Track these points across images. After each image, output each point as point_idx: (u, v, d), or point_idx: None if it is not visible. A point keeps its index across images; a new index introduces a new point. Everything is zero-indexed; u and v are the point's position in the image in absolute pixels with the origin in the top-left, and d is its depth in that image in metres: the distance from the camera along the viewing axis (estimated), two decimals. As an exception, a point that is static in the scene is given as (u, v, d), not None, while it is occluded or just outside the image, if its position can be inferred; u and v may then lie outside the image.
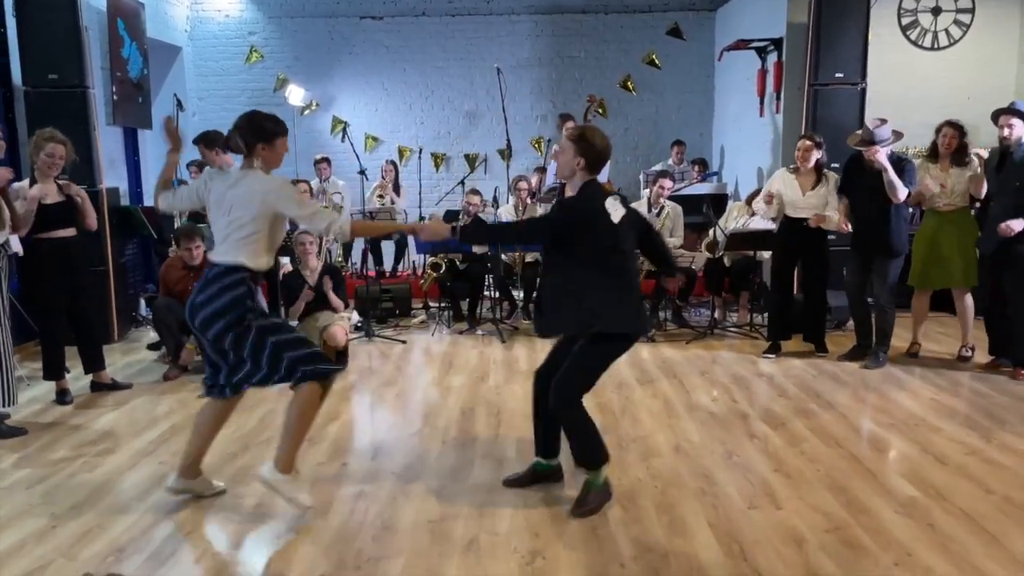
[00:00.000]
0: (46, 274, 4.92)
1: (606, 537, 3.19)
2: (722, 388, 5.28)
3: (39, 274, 4.91)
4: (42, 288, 4.93)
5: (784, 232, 6.04)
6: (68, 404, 5.02)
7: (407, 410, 4.96)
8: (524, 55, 10.30)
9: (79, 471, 3.94)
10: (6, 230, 4.51)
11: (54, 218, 4.91)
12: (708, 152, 10.32)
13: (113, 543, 3.17)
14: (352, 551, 3.10)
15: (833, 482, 3.69)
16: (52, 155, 4.81)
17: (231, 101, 10.18)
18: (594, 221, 3.34)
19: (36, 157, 4.84)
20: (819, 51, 7.11)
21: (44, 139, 4.83)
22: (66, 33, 6.43)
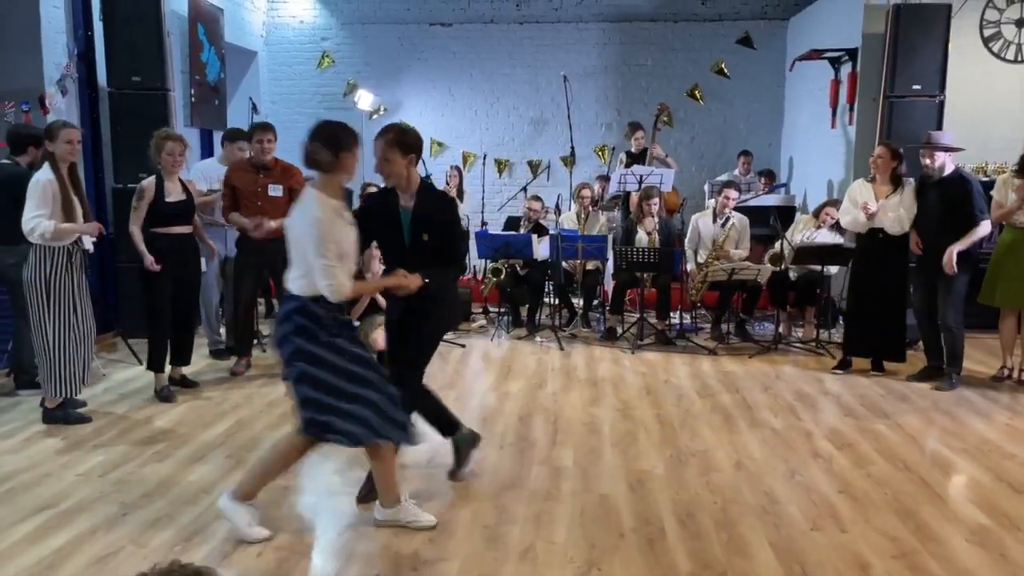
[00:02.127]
0: (159, 268, 5.03)
1: (663, 552, 3.15)
2: (785, 404, 5.17)
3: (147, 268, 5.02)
4: (153, 282, 5.04)
5: (862, 245, 5.86)
6: (169, 401, 5.08)
7: (465, 414, 4.96)
8: (591, 63, 10.29)
9: (149, 461, 4.08)
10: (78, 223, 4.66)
11: (173, 214, 5.06)
12: (776, 163, 10.13)
13: (180, 532, 3.27)
14: (408, 552, 3.13)
15: (901, 506, 3.58)
16: (172, 153, 5.00)
17: (303, 105, 10.43)
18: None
19: (159, 158, 5.00)
20: (896, 62, 6.92)
21: (162, 139, 5.01)
22: (149, 38, 6.67)
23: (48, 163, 4.51)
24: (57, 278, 4.55)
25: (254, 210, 5.44)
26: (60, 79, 6.33)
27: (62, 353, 4.59)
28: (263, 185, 5.49)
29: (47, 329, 4.56)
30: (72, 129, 4.63)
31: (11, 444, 4.31)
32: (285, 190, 5.51)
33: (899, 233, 5.61)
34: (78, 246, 4.70)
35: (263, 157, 5.55)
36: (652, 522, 3.40)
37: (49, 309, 4.55)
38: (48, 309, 4.55)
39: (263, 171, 5.55)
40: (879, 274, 5.74)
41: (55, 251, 4.54)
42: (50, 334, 4.56)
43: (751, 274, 6.79)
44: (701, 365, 6.20)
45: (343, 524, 3.40)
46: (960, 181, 5.42)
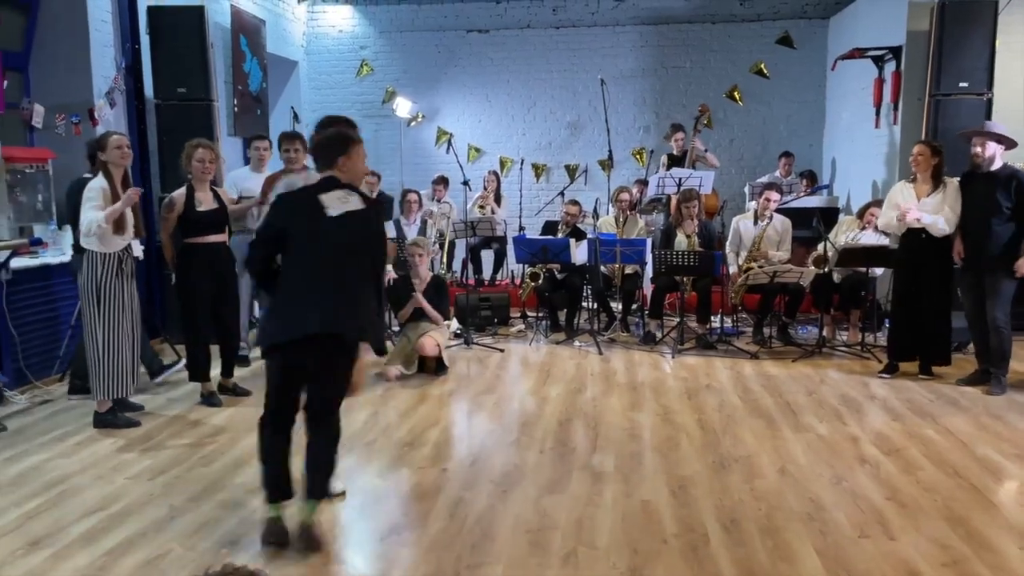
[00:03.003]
0: (194, 277, 5.12)
1: (707, 558, 3.12)
2: (830, 409, 5.08)
3: (187, 277, 5.11)
4: (190, 291, 5.12)
5: (905, 246, 5.75)
6: (217, 406, 5.16)
7: (505, 418, 5.00)
8: (628, 66, 10.25)
9: (196, 465, 4.15)
10: (128, 234, 4.78)
11: (207, 223, 5.14)
12: (818, 164, 9.99)
13: (227, 535, 3.33)
14: (451, 556, 3.14)
15: (951, 513, 3.50)
16: (202, 160, 5.09)
17: (342, 113, 10.51)
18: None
19: (189, 166, 5.11)
20: (941, 60, 6.79)
21: (192, 147, 5.13)
22: (194, 50, 6.83)
23: (102, 171, 4.67)
24: (108, 284, 4.67)
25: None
26: (108, 92, 6.50)
27: (111, 357, 4.70)
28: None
29: (97, 333, 4.68)
30: (120, 136, 4.79)
31: (64, 447, 4.43)
32: None
33: (944, 234, 5.49)
34: (128, 253, 4.82)
35: (292, 166, 5.64)
36: (695, 528, 3.37)
37: (100, 314, 4.67)
38: (99, 314, 4.67)
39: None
40: (922, 276, 5.62)
41: (106, 257, 4.66)
42: (99, 338, 4.68)
43: (793, 277, 6.70)
44: (743, 369, 6.13)
45: (387, 528, 3.43)
46: (1013, 174, 5.28)
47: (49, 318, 5.69)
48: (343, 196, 3.25)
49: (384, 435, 4.63)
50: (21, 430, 4.72)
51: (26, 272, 5.45)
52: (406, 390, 5.58)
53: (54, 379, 5.68)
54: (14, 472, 4.06)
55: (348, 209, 3.22)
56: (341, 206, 3.21)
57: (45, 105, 6.14)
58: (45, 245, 5.80)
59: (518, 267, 8.36)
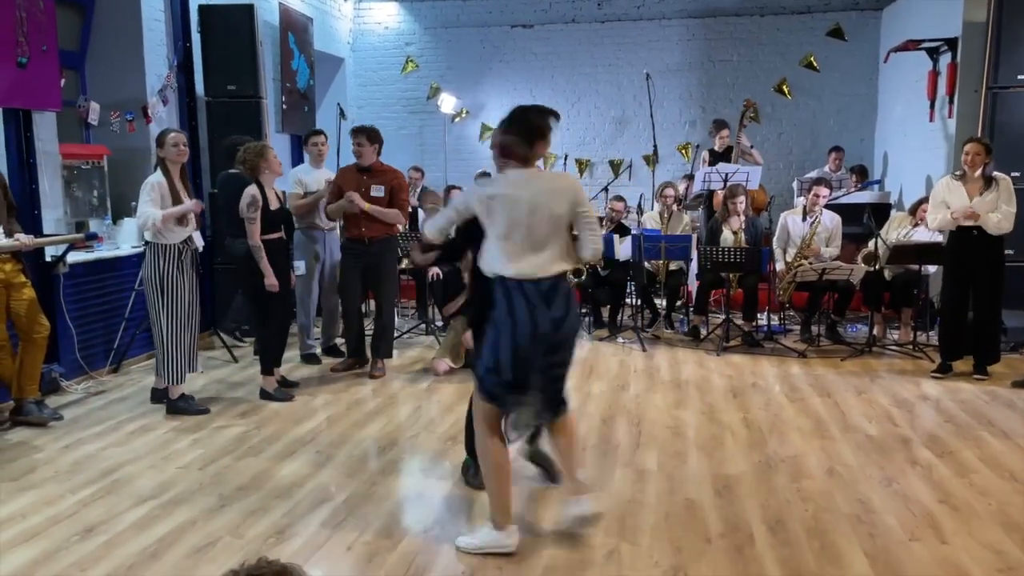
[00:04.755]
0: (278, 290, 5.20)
1: (752, 559, 3.08)
2: (881, 409, 4.97)
3: (259, 273, 5.14)
4: (261, 285, 5.16)
5: (954, 243, 5.61)
6: (285, 400, 5.21)
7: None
8: (674, 60, 10.14)
9: (244, 456, 4.23)
10: (190, 225, 4.94)
11: (278, 221, 5.24)
12: (869, 159, 9.76)
13: (274, 525, 3.39)
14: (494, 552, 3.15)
15: (1007, 518, 3.40)
16: (277, 158, 5.25)
17: (387, 109, 10.63)
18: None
19: (266, 164, 5.13)
20: (999, 51, 6.57)
21: (266, 147, 5.21)
22: (243, 48, 6.94)
23: (160, 167, 4.85)
24: (170, 275, 4.84)
25: (357, 218, 5.65)
26: (161, 89, 6.65)
27: (175, 345, 4.87)
28: (366, 186, 5.66)
29: (162, 322, 4.86)
30: (177, 133, 4.95)
31: (117, 437, 4.55)
32: (386, 191, 5.69)
33: (1003, 233, 5.34)
34: (188, 245, 4.96)
35: (360, 161, 5.71)
36: (740, 528, 3.33)
37: (164, 303, 4.84)
38: (163, 303, 4.85)
39: (365, 173, 5.72)
40: (973, 273, 5.47)
41: (168, 249, 4.83)
42: (164, 327, 4.86)
43: (843, 274, 6.57)
44: (790, 368, 6.03)
45: (431, 520, 3.45)
46: None
47: (104, 311, 5.84)
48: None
49: (427, 430, 4.66)
50: (76, 419, 4.86)
51: (82, 266, 5.61)
52: (450, 385, 5.61)
53: (108, 370, 5.84)
54: (70, 460, 4.18)
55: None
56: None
57: (100, 103, 6.30)
58: (100, 239, 5.97)
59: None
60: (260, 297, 5.17)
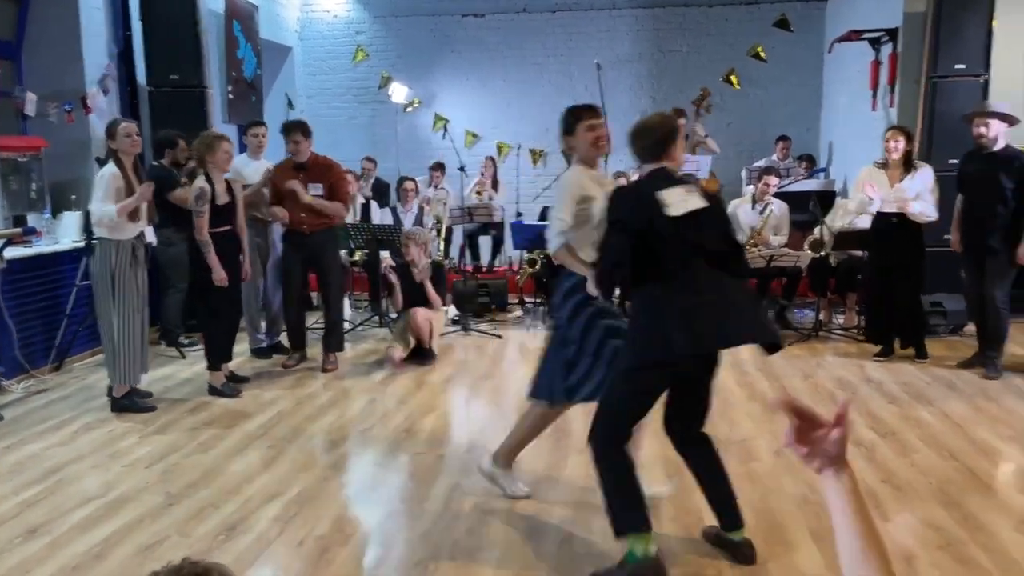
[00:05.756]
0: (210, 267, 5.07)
1: (703, 541, 3.13)
2: (826, 392, 5.09)
3: (206, 266, 5.03)
4: (209, 280, 5.04)
5: (876, 230, 5.78)
6: (232, 396, 5.09)
7: (502, 404, 5.01)
8: (624, 50, 10.20)
9: (193, 452, 4.16)
10: (142, 221, 4.81)
11: (225, 214, 5.10)
12: (815, 148, 9.96)
13: (223, 522, 3.34)
14: (448, 542, 3.15)
15: (947, 496, 3.51)
16: (228, 152, 5.08)
17: (338, 99, 10.51)
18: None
19: (213, 157, 5.01)
20: (938, 41, 6.74)
21: (217, 139, 5.07)
22: (186, 36, 6.77)
23: (112, 159, 4.71)
24: (122, 271, 4.71)
25: (297, 209, 5.54)
26: (101, 79, 6.46)
27: (125, 344, 4.74)
28: (303, 184, 5.55)
29: (112, 319, 4.72)
30: (129, 123, 4.82)
31: (60, 436, 4.43)
32: (325, 187, 5.59)
33: (928, 220, 5.52)
34: (141, 240, 4.84)
35: (296, 158, 5.61)
36: (692, 511, 3.38)
37: (114, 301, 4.71)
38: (113, 301, 4.71)
39: (302, 170, 5.61)
40: (894, 258, 5.65)
41: (119, 245, 4.70)
42: (114, 324, 4.72)
43: (790, 260, 6.69)
44: (740, 353, 6.12)
45: (384, 513, 3.44)
46: (1016, 155, 5.26)
47: (45, 308, 5.67)
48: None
49: (381, 422, 4.64)
50: (18, 419, 4.72)
51: (20, 262, 5.43)
52: (404, 377, 5.59)
53: (50, 368, 5.68)
54: (12, 460, 4.06)
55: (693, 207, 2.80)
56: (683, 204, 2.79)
57: (37, 93, 6.10)
58: (39, 234, 5.78)
59: (516, 253, 8.34)
60: (207, 291, 5.07)
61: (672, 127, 2.99)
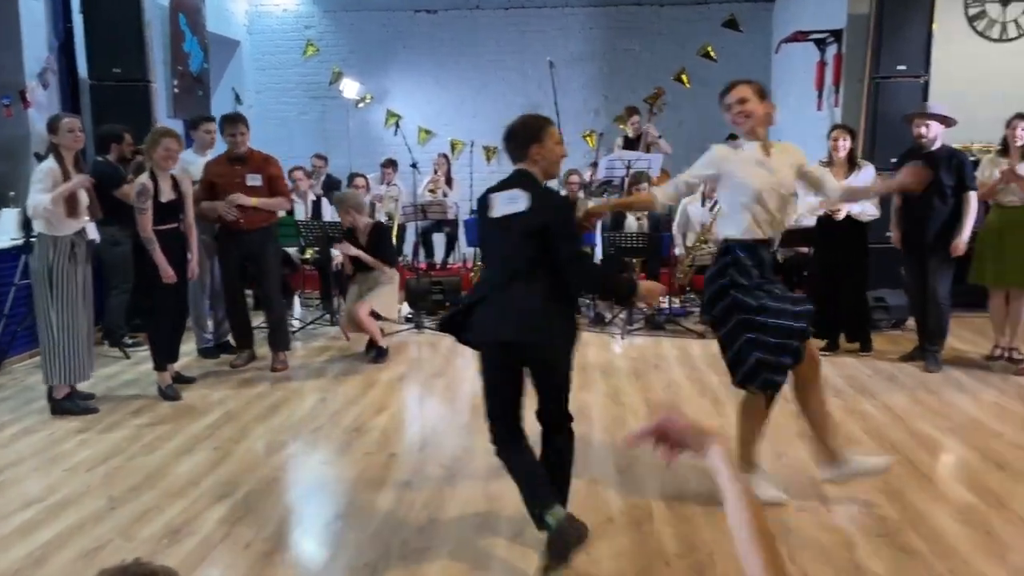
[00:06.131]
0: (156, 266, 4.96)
1: (651, 534, 3.17)
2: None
3: (150, 264, 4.92)
4: (153, 279, 4.93)
5: (821, 229, 5.92)
6: (175, 398, 4.97)
7: (456, 402, 4.99)
8: (577, 48, 10.25)
9: (137, 455, 4.06)
10: (83, 217, 4.68)
11: (169, 212, 4.99)
12: (764, 146, 10.12)
13: (168, 525, 3.27)
14: (398, 541, 3.13)
15: (887, 486, 3.60)
16: (169, 149, 4.92)
17: (287, 94, 10.37)
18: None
19: (154, 153, 4.90)
20: (881, 43, 6.92)
21: (160, 135, 4.95)
22: (130, 28, 6.62)
23: (52, 154, 4.58)
24: (61, 268, 4.57)
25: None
26: (41, 72, 6.28)
27: (66, 343, 4.61)
28: (241, 176, 5.47)
29: (50, 317, 4.58)
30: (72, 118, 4.69)
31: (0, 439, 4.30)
32: (264, 179, 5.50)
33: (870, 218, 5.67)
34: (82, 237, 4.71)
35: (237, 150, 5.50)
36: (640, 505, 3.42)
37: (52, 298, 4.58)
38: (52, 298, 4.57)
39: (239, 163, 5.51)
40: (839, 256, 5.79)
41: (58, 241, 4.56)
42: (53, 323, 4.58)
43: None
44: (690, 349, 6.22)
45: (332, 514, 3.40)
46: (952, 153, 5.42)
47: (-19, 307, 5.50)
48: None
49: (331, 421, 4.59)
50: (-47, 423, 4.57)
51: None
52: (355, 376, 5.54)
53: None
54: (-55, 466, 3.93)
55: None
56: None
57: (-27, 86, 5.91)
58: (-24, 231, 5.61)
59: (470, 250, 8.33)
60: (152, 290, 4.96)
61: (533, 130, 3.06)
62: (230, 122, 5.53)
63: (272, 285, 5.72)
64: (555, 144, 3.07)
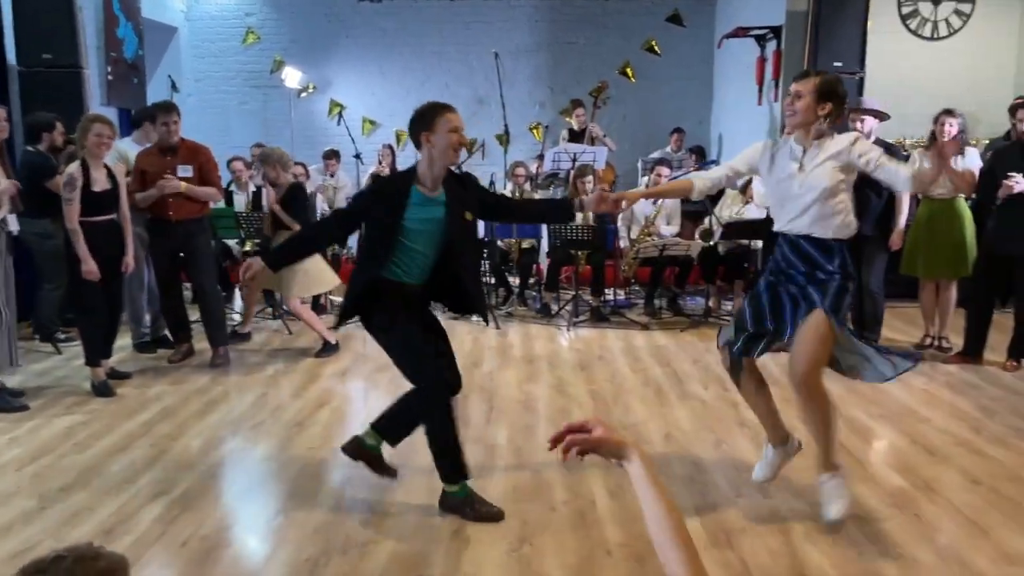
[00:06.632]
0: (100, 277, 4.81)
1: (594, 524, 3.19)
2: (713, 375, 5.28)
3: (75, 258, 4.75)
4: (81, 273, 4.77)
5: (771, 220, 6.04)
6: (109, 395, 4.83)
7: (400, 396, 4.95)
8: (523, 40, 10.25)
9: (68, 453, 3.94)
10: (4, 208, 4.51)
11: (103, 203, 4.83)
12: (706, 140, 10.29)
13: (101, 525, 3.18)
14: (340, 536, 3.10)
15: (822, 472, 3.69)
16: (100, 135, 4.75)
17: (227, 83, 10.15)
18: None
19: (85, 140, 4.74)
20: (818, 40, 7.07)
21: (90, 121, 4.78)
22: (60, 13, 6.39)
23: None
24: None
25: (164, 195, 5.30)
26: (-36, 57, 6.02)
27: None
28: (172, 167, 5.33)
29: None
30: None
31: (-81, 440, 4.12)
32: (195, 170, 5.39)
33: None
34: (3, 227, 4.52)
35: (169, 139, 5.37)
36: (583, 495, 3.45)
37: None
38: None
39: (170, 153, 5.38)
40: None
41: None
42: None
43: (682, 250, 6.90)
44: (634, 340, 6.29)
45: (273, 510, 3.35)
46: (887, 147, 5.55)
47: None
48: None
49: (272, 417, 4.52)
50: None
51: None
52: (298, 370, 5.46)
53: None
54: None
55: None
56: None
57: None
58: None
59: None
60: (84, 284, 4.80)
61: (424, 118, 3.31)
62: (164, 111, 5.38)
63: (206, 278, 5.59)
64: (448, 132, 3.20)
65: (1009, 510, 3.32)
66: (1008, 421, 4.39)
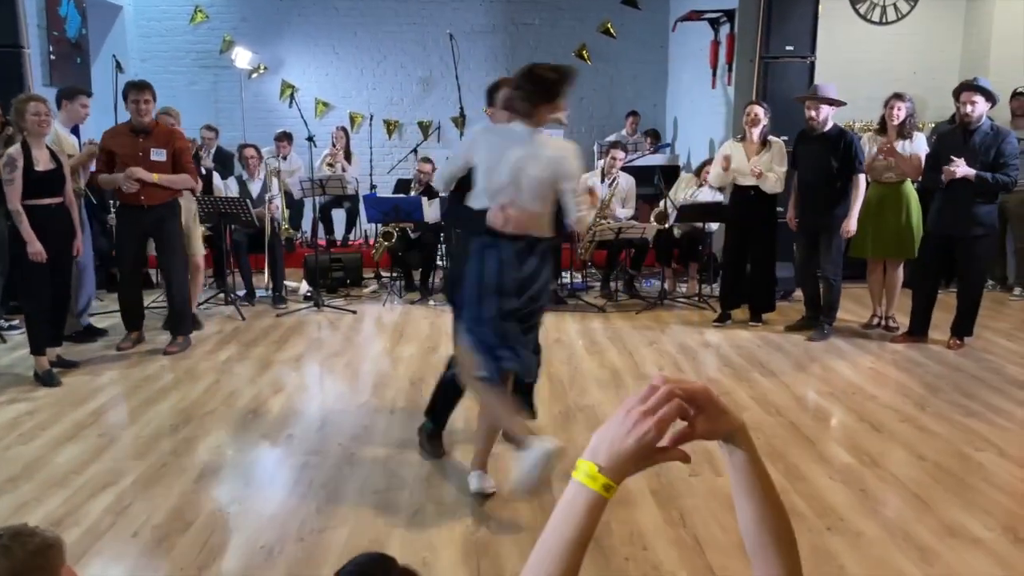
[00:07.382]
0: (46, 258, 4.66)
1: (550, 505, 3.22)
2: (669, 358, 5.35)
3: (20, 241, 4.60)
4: (26, 258, 4.62)
5: (734, 203, 6.12)
6: (54, 384, 4.69)
7: (356, 380, 4.94)
8: (478, 21, 10.16)
9: (14, 444, 3.84)
10: None
11: (46, 184, 4.67)
12: (661, 123, 10.34)
13: (48, 516, 3.11)
14: (296, 521, 3.08)
15: (772, 449, 3.78)
16: (39, 114, 4.58)
17: (175, 63, 9.89)
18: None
19: (23, 122, 4.58)
20: (770, 24, 7.14)
21: (23, 102, 4.61)
22: (-2, -11, 6.15)
23: None
24: None
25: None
26: None
27: None
28: (144, 149, 5.18)
29: None
30: None
31: None
32: (168, 154, 5.24)
33: (777, 192, 5.86)
34: None
35: (141, 119, 5.21)
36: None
37: None
38: None
39: (143, 135, 5.23)
40: (750, 229, 5.99)
41: None
42: None
43: (637, 232, 6.95)
44: (591, 323, 6.33)
45: (228, 498, 3.31)
46: (841, 134, 5.65)
47: None
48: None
49: (226, 404, 4.45)
50: None
51: None
52: (252, 357, 5.39)
53: None
54: None
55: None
56: None
57: None
58: None
59: (371, 227, 8.19)
60: (31, 269, 4.67)
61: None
62: (136, 88, 5.21)
63: (175, 264, 5.47)
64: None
65: (952, 484, 3.43)
66: (951, 398, 4.53)
